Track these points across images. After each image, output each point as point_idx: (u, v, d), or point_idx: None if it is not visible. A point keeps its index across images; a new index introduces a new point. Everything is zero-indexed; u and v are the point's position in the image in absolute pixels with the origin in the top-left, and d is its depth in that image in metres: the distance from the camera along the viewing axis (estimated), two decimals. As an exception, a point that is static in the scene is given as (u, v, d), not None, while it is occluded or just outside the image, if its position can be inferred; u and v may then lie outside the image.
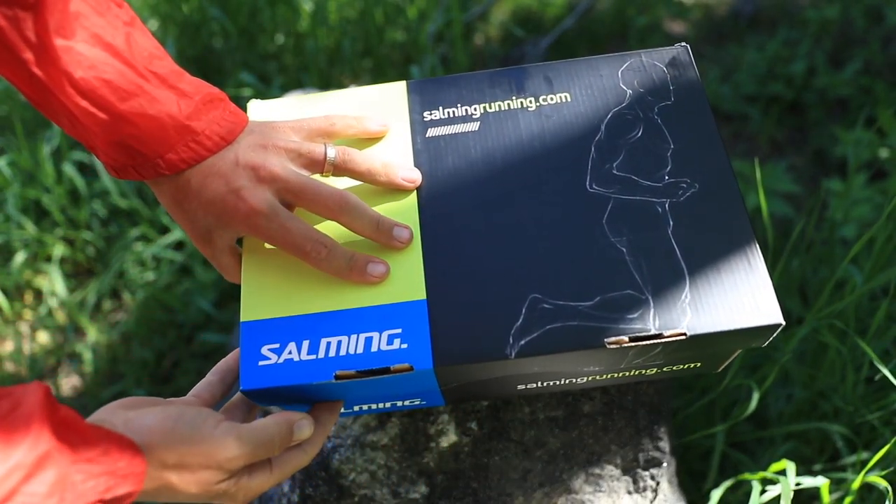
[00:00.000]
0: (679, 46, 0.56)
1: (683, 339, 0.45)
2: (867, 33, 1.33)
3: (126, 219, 1.25)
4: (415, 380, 0.47)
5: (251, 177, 0.47)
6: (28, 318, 1.21)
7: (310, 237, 0.47)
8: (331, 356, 0.46)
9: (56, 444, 0.33)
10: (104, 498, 0.35)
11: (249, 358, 0.47)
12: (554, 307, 0.47)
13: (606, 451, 0.62)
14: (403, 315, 0.47)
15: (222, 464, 0.42)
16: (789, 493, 0.58)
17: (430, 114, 0.55)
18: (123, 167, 0.47)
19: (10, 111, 1.36)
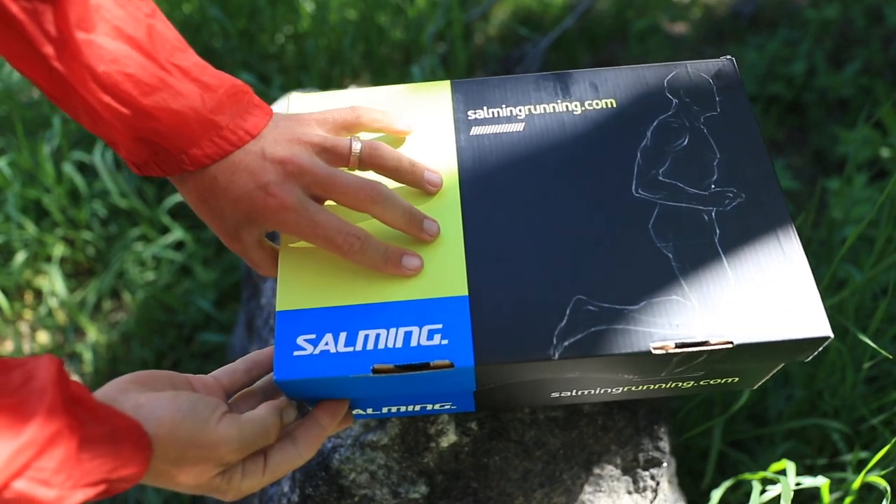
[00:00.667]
0: (725, 59, 0.57)
1: (729, 348, 0.44)
2: (867, 33, 1.33)
3: (126, 219, 1.25)
4: (453, 378, 0.46)
5: (279, 171, 0.46)
6: (28, 318, 1.21)
7: (341, 230, 0.47)
8: (368, 349, 0.45)
9: (67, 421, 0.34)
10: (109, 477, 0.36)
11: (284, 348, 0.46)
12: (599, 309, 0.46)
13: (606, 450, 0.62)
14: (444, 311, 0.46)
15: (221, 457, 0.42)
16: (789, 492, 0.58)
17: (475, 113, 0.55)
18: (146, 163, 0.46)
19: (10, 111, 1.36)
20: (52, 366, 0.35)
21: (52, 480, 0.33)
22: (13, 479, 0.31)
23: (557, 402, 0.55)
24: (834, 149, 1.21)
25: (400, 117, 0.54)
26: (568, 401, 0.55)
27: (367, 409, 0.53)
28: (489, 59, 1.48)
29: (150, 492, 0.97)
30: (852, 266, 0.90)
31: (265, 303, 0.80)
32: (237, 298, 1.16)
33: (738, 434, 0.82)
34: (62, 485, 0.33)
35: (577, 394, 0.53)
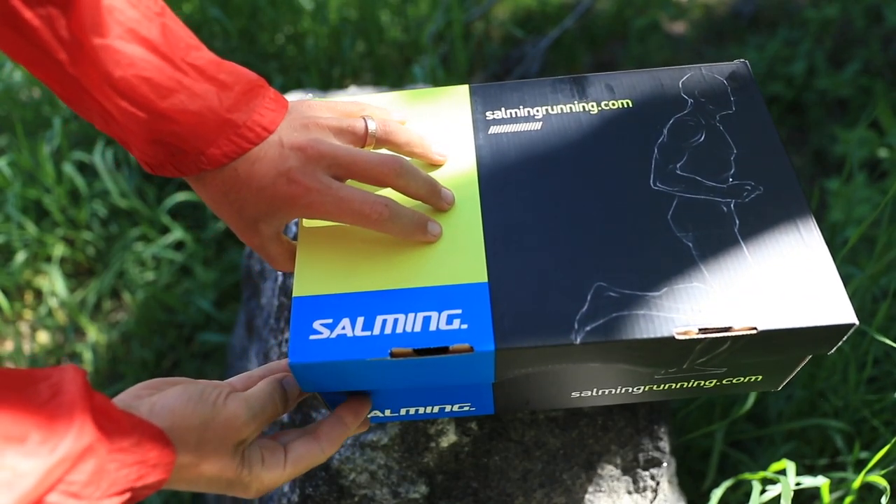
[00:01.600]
0: (739, 62, 0.58)
1: (754, 334, 0.44)
2: (867, 33, 1.33)
3: (126, 219, 1.25)
4: (472, 366, 0.45)
5: (299, 157, 0.46)
6: (28, 318, 1.21)
7: (368, 200, 0.46)
8: (386, 333, 0.45)
9: (97, 434, 0.34)
10: (134, 486, 0.36)
11: (299, 332, 0.45)
12: (620, 296, 0.46)
13: (606, 450, 0.62)
14: (463, 296, 0.46)
15: (237, 432, 0.42)
16: (789, 492, 0.58)
17: (493, 113, 0.56)
18: (161, 164, 0.46)
19: (9, 111, 1.36)
20: (79, 378, 0.35)
21: (82, 493, 0.33)
22: (46, 494, 0.32)
23: (579, 402, 0.55)
24: (834, 149, 1.21)
25: (397, 114, 0.54)
26: (590, 402, 0.55)
27: (386, 411, 0.53)
28: (489, 59, 1.48)
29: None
30: (853, 266, 0.90)
31: (265, 303, 0.80)
32: (237, 298, 1.16)
33: (738, 434, 0.82)
34: (91, 496, 0.34)
35: (598, 393, 0.53)
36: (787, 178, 0.51)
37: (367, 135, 0.49)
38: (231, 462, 0.42)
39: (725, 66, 0.58)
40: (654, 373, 0.50)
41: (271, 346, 0.70)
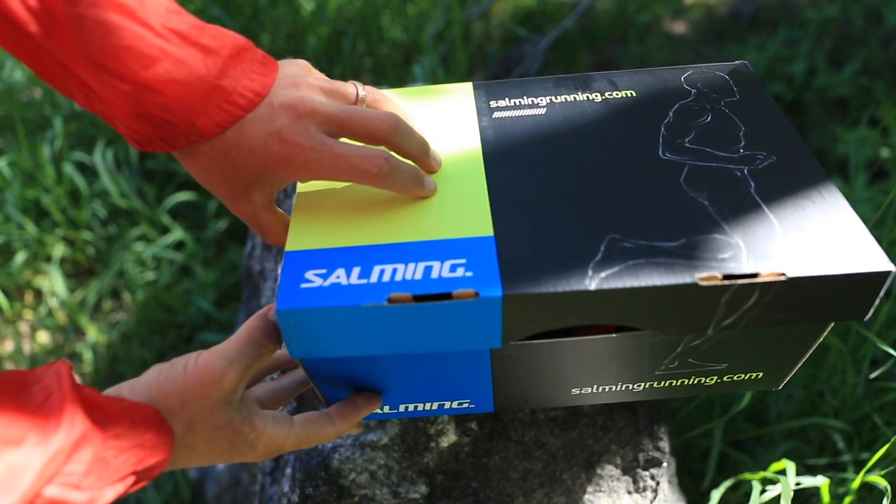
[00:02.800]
0: (740, 63, 0.59)
1: (783, 282, 0.41)
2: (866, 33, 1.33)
3: (126, 219, 1.25)
4: (477, 319, 0.42)
5: (290, 115, 0.43)
6: (28, 318, 1.21)
7: (365, 155, 0.44)
8: (384, 281, 0.42)
9: (89, 424, 0.34)
10: (136, 469, 0.36)
11: (290, 281, 0.42)
12: (636, 246, 0.43)
13: (606, 450, 0.62)
14: (468, 248, 0.44)
15: (220, 379, 0.40)
16: (789, 492, 0.58)
17: (497, 102, 0.56)
18: (149, 139, 0.43)
19: (9, 111, 1.36)
20: (65, 373, 0.35)
21: (82, 483, 0.34)
22: (44, 486, 0.32)
23: (579, 400, 0.54)
24: (834, 149, 1.21)
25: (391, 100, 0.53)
26: (590, 399, 0.54)
27: (385, 408, 0.53)
28: (489, 59, 1.48)
29: (150, 491, 0.97)
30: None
31: (265, 303, 0.80)
32: (237, 298, 1.16)
33: (738, 434, 0.82)
34: (93, 486, 0.34)
35: (598, 390, 0.53)
36: (799, 150, 0.50)
37: (357, 100, 0.48)
38: (223, 415, 0.41)
39: (726, 65, 0.58)
40: (668, 351, 0.48)
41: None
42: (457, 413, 0.57)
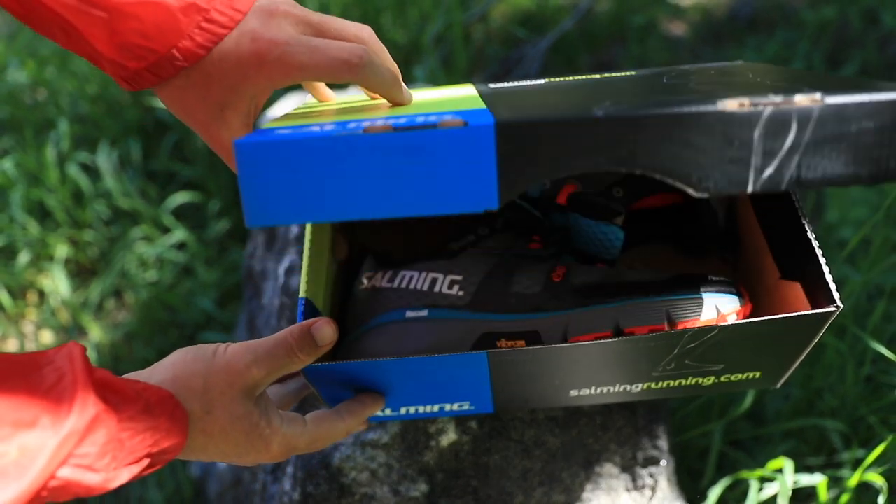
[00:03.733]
0: (738, 63, 0.61)
1: (823, 109, 0.36)
2: (864, 35, 1.34)
3: (128, 219, 1.25)
4: (468, 160, 0.36)
5: (262, 16, 0.41)
6: (31, 317, 1.22)
7: (344, 47, 0.41)
8: (363, 126, 0.37)
9: (102, 406, 0.34)
10: (151, 451, 0.37)
11: (261, 134, 0.37)
12: (641, 99, 0.41)
13: (605, 449, 0.62)
14: (458, 111, 0.41)
15: (244, 374, 0.41)
16: (787, 491, 0.59)
17: (496, 85, 0.58)
18: (136, 74, 0.41)
19: (13, 112, 1.36)
20: (77, 354, 0.35)
21: (96, 465, 0.34)
22: (58, 468, 0.32)
23: (577, 401, 0.55)
24: (832, 150, 1.21)
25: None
26: (588, 400, 0.55)
27: (385, 410, 0.53)
28: (489, 60, 1.49)
29: (152, 490, 0.98)
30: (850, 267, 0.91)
31: (266, 302, 0.80)
32: (239, 298, 1.16)
33: (736, 433, 0.82)
34: (107, 468, 0.34)
35: (597, 391, 0.53)
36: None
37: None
38: (242, 406, 0.41)
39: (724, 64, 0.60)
40: (665, 353, 0.48)
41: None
42: (457, 415, 0.57)
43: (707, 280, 0.51)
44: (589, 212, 0.55)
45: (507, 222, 0.54)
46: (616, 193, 0.55)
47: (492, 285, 0.52)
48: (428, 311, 0.52)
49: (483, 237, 0.54)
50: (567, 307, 0.50)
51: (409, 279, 0.53)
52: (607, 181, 0.55)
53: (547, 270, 0.52)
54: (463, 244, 0.53)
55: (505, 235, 0.54)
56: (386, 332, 0.53)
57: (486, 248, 0.53)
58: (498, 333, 0.51)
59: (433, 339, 0.52)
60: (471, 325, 0.51)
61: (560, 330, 0.50)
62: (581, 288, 0.51)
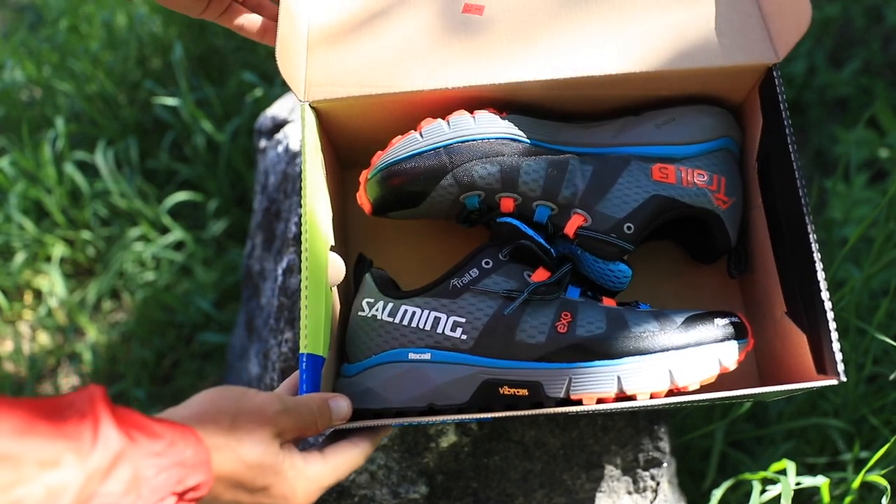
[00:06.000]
0: None
1: None
2: (867, 33, 1.33)
3: (126, 219, 1.25)
4: None
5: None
6: (28, 318, 1.21)
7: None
8: None
9: (126, 441, 0.34)
10: (176, 490, 0.36)
11: None
12: None
13: (606, 451, 0.62)
14: None
15: (272, 418, 0.42)
16: (789, 492, 0.58)
17: None
18: None
19: (9, 111, 1.36)
20: (99, 394, 0.35)
21: (121, 503, 0.33)
22: None
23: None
24: (834, 149, 1.21)
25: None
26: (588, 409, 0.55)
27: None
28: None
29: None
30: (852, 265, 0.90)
31: (265, 303, 0.80)
32: (237, 298, 1.16)
33: (738, 434, 0.82)
34: None
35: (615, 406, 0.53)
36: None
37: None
38: (270, 446, 0.41)
39: None
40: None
41: (271, 346, 0.70)
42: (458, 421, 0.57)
43: (712, 323, 0.52)
44: (596, 252, 0.55)
45: (511, 253, 0.54)
46: (627, 230, 0.54)
47: (496, 331, 0.52)
48: (431, 353, 0.52)
49: (487, 271, 0.53)
50: (571, 361, 0.51)
51: (410, 315, 0.53)
52: (617, 218, 0.54)
53: (552, 318, 0.52)
54: (466, 281, 0.53)
55: (510, 267, 0.53)
56: (387, 373, 0.53)
57: (490, 289, 0.52)
58: (501, 381, 0.52)
59: (435, 383, 0.52)
60: (473, 371, 0.52)
61: (563, 384, 0.51)
62: (586, 342, 0.51)
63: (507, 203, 0.55)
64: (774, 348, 0.57)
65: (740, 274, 0.60)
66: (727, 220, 0.57)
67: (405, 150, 0.55)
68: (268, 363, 0.71)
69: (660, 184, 0.55)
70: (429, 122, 0.56)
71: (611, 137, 0.57)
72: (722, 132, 0.57)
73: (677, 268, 0.64)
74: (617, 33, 0.55)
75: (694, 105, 0.57)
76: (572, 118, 0.58)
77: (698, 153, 0.56)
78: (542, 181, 0.54)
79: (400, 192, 0.56)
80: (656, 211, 0.55)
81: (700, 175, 0.55)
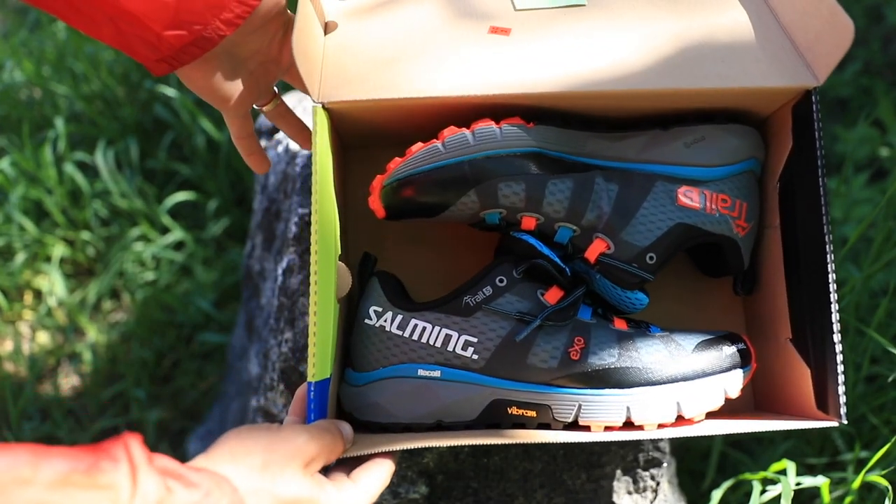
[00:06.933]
0: None
1: None
2: (867, 33, 1.33)
3: (126, 219, 1.25)
4: None
5: None
6: (28, 318, 1.21)
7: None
8: None
9: (164, 491, 0.34)
10: None
11: None
12: None
13: (606, 451, 0.62)
14: None
15: (300, 449, 0.42)
16: (789, 492, 0.58)
17: None
18: (182, 49, 0.48)
19: (9, 111, 1.36)
20: (136, 443, 0.35)
21: None
22: None
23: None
24: (834, 148, 1.21)
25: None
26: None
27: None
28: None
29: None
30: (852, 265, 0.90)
31: (265, 303, 0.80)
32: (237, 298, 1.16)
33: (738, 435, 0.82)
34: None
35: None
36: None
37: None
38: (303, 480, 0.41)
39: None
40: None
41: (271, 346, 0.70)
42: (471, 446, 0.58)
43: (720, 351, 0.53)
44: (616, 280, 0.54)
45: (526, 271, 0.53)
46: (649, 260, 0.54)
47: (508, 353, 0.52)
48: (441, 370, 0.52)
49: (501, 289, 0.52)
50: (582, 387, 0.51)
51: (421, 331, 0.52)
52: (641, 247, 0.54)
53: (565, 343, 0.52)
54: (479, 299, 0.52)
55: (524, 286, 0.53)
56: (395, 388, 0.52)
57: (504, 309, 0.52)
58: (510, 401, 0.52)
59: (444, 401, 0.52)
60: (483, 390, 0.52)
61: (572, 410, 0.51)
62: (598, 370, 0.51)
63: (529, 222, 0.54)
64: (774, 372, 0.57)
65: (746, 294, 0.60)
66: (743, 245, 0.56)
67: (426, 160, 0.53)
68: (268, 363, 0.71)
69: (684, 210, 0.54)
70: (452, 131, 0.53)
71: (637, 152, 0.55)
72: (748, 154, 0.56)
73: (683, 277, 0.63)
74: (653, 47, 0.53)
75: (723, 124, 0.55)
76: (599, 126, 0.56)
77: (724, 176, 0.55)
78: (567, 202, 0.53)
79: (417, 203, 0.54)
80: (679, 240, 0.54)
81: (724, 200, 0.54)
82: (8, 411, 1.07)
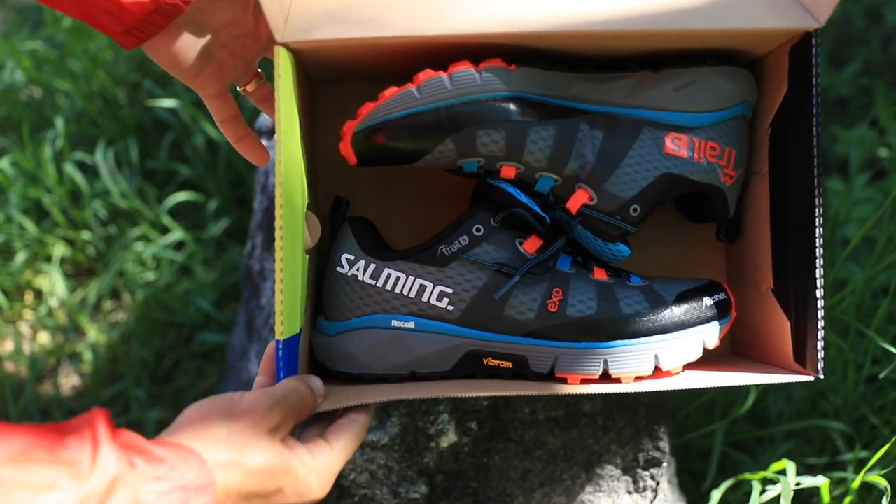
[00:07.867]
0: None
1: None
2: (867, 33, 1.33)
3: (126, 219, 1.25)
4: None
5: None
6: (28, 318, 1.21)
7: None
8: None
9: (125, 466, 0.34)
10: None
11: None
12: None
13: (606, 450, 0.62)
14: None
15: (265, 418, 0.41)
16: (789, 492, 0.58)
17: None
18: (145, 19, 0.46)
19: (9, 111, 1.36)
20: (100, 418, 0.35)
21: None
22: None
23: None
24: (834, 148, 1.21)
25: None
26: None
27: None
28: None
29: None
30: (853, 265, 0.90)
31: (265, 303, 0.80)
32: (237, 298, 1.16)
33: (738, 434, 0.82)
34: None
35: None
36: None
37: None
38: (272, 447, 0.41)
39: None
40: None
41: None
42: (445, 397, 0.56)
43: (700, 302, 0.52)
44: (597, 232, 0.53)
45: (504, 220, 0.52)
46: (633, 212, 0.52)
47: (484, 304, 0.51)
48: (415, 321, 0.51)
49: (477, 238, 0.51)
50: (559, 340, 0.50)
51: (394, 280, 0.51)
52: (625, 198, 0.52)
53: (542, 295, 0.51)
54: (455, 249, 0.51)
55: (502, 235, 0.51)
56: (369, 339, 0.51)
57: (481, 259, 0.51)
58: (485, 352, 0.51)
59: (418, 352, 0.51)
60: (458, 341, 0.51)
61: (549, 361, 0.50)
62: (575, 322, 0.50)
63: (509, 171, 0.51)
64: (753, 321, 0.56)
65: (730, 242, 0.59)
66: (729, 194, 0.54)
67: (400, 106, 0.49)
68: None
69: (670, 159, 0.51)
70: (427, 74, 0.50)
71: (625, 96, 0.52)
72: (741, 98, 0.53)
73: (666, 221, 0.61)
74: None
75: (715, 66, 0.53)
76: (585, 66, 0.53)
77: (714, 122, 0.52)
78: (549, 151, 0.50)
79: (391, 150, 0.51)
80: (664, 191, 0.52)
81: (712, 148, 0.52)
82: (8, 411, 1.07)
